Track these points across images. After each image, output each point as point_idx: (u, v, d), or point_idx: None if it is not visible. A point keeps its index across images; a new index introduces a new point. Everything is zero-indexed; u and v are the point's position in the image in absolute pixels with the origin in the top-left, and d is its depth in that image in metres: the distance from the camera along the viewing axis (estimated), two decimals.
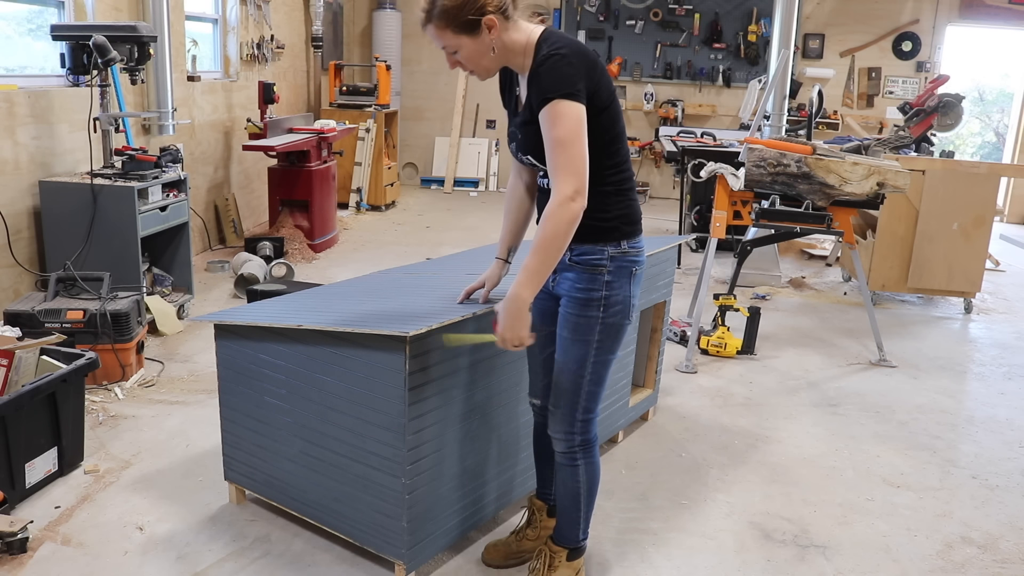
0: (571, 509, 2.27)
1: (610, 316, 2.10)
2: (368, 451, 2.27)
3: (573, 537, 2.31)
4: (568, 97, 1.90)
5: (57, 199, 4.05)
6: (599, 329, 2.10)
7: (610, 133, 2.04)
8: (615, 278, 2.10)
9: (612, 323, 2.11)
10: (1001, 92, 12.26)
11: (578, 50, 1.97)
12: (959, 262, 5.38)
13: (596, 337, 2.11)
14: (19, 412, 2.63)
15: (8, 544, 2.40)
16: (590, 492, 2.26)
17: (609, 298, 2.10)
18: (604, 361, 2.15)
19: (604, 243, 2.08)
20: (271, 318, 2.43)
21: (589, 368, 2.14)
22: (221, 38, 6.60)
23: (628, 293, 2.12)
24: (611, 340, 2.13)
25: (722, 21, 9.16)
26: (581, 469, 2.23)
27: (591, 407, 2.20)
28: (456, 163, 9.63)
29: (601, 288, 2.09)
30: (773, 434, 3.52)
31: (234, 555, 2.48)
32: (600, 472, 2.29)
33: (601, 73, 2.00)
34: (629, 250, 2.11)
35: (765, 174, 4.16)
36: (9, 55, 4.53)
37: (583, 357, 2.13)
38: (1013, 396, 4.11)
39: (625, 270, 2.11)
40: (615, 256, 2.09)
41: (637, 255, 2.13)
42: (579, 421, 2.19)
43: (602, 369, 2.16)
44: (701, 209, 6.65)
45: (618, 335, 2.14)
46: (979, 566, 2.63)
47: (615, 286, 2.10)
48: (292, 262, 5.68)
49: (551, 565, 2.31)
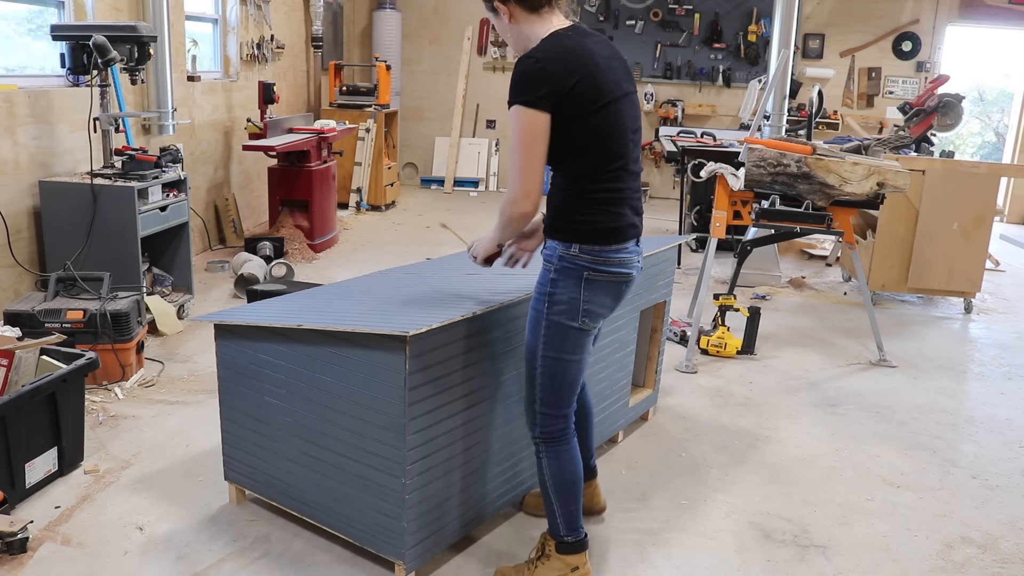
0: (546, 501, 2.33)
1: (554, 313, 2.15)
2: (368, 451, 2.27)
3: (555, 530, 2.34)
4: (526, 104, 1.98)
5: (57, 199, 4.05)
6: (544, 324, 2.17)
7: (587, 140, 2.06)
8: (560, 277, 2.13)
9: (556, 321, 2.15)
10: (1001, 92, 12.26)
11: (558, 57, 2.00)
12: (959, 262, 5.38)
13: (543, 331, 2.18)
14: (19, 412, 2.63)
15: (8, 544, 2.40)
16: (556, 488, 2.27)
17: (553, 295, 2.15)
18: (555, 359, 2.18)
19: (557, 241, 2.14)
20: (271, 318, 2.43)
21: (539, 361, 2.20)
22: (221, 38, 6.60)
23: (576, 295, 2.13)
24: (558, 339, 2.16)
25: (722, 21, 9.16)
26: (544, 463, 2.28)
27: (548, 402, 2.22)
28: (456, 163, 9.63)
29: (547, 284, 2.16)
30: (773, 434, 3.52)
31: (234, 555, 2.48)
32: (570, 473, 2.27)
33: (582, 82, 2.01)
34: (581, 254, 2.11)
35: (765, 174, 4.16)
36: (9, 55, 4.53)
37: (533, 348, 2.21)
38: (1013, 396, 4.11)
39: (573, 272, 2.12)
40: (563, 256, 2.13)
41: (592, 262, 2.11)
42: (538, 414, 2.25)
43: (554, 367, 2.18)
44: (701, 209, 6.65)
45: (566, 335, 2.15)
46: (979, 566, 2.63)
47: (560, 285, 2.14)
48: (292, 262, 5.68)
49: (544, 553, 2.36)
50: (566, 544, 2.33)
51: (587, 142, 2.06)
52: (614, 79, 2.09)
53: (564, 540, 2.33)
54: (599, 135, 2.07)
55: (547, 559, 2.34)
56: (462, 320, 2.23)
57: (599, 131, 2.06)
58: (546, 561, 2.34)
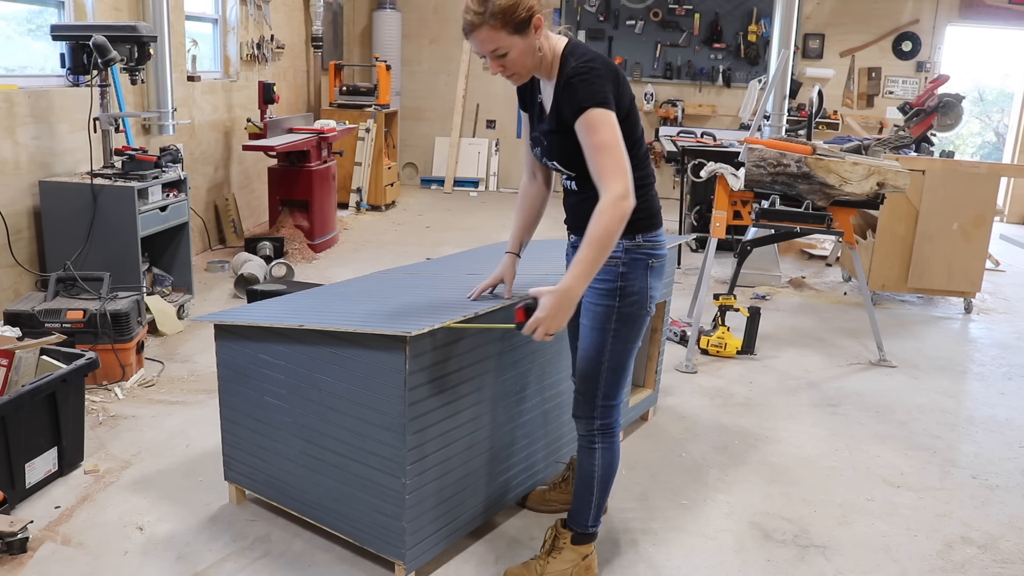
0: (584, 492, 2.35)
1: (626, 306, 2.21)
2: (368, 451, 2.27)
3: (582, 522, 2.36)
4: (602, 105, 2.03)
5: (57, 199, 4.05)
6: (615, 318, 2.22)
7: (631, 137, 2.16)
8: (629, 269, 2.20)
9: (628, 312, 2.22)
10: (1001, 92, 12.26)
11: (605, 63, 2.12)
12: (959, 262, 5.38)
13: (613, 325, 2.22)
14: (19, 412, 2.63)
15: (8, 544, 2.40)
16: (604, 479, 2.33)
17: (625, 288, 2.20)
18: (623, 349, 2.25)
19: (620, 237, 2.14)
20: (271, 318, 2.43)
21: (607, 355, 2.24)
22: (221, 38, 6.60)
23: (644, 284, 2.22)
24: (628, 329, 2.23)
25: (722, 21, 9.16)
26: (598, 453, 2.32)
27: (611, 393, 2.28)
28: (456, 163, 9.63)
29: (616, 279, 2.20)
30: (773, 434, 3.52)
31: (234, 555, 2.48)
32: (618, 462, 2.36)
33: (623, 83, 2.14)
34: (644, 243, 2.22)
35: (765, 174, 4.16)
36: (9, 55, 4.53)
37: (601, 344, 2.23)
38: (1013, 396, 4.11)
39: (640, 262, 2.21)
40: (629, 248, 2.20)
41: (653, 248, 2.23)
42: (600, 406, 2.29)
43: (621, 357, 2.26)
44: (701, 209, 6.65)
45: (635, 324, 2.24)
46: (979, 566, 2.63)
47: (630, 277, 2.20)
48: (292, 262, 5.68)
49: (555, 546, 2.38)
50: (586, 535, 2.37)
51: (635, 137, 2.18)
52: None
53: (587, 531, 2.37)
54: (638, 130, 2.20)
55: (559, 551, 2.37)
56: (462, 320, 2.23)
57: (637, 126, 2.20)
58: (558, 554, 2.37)
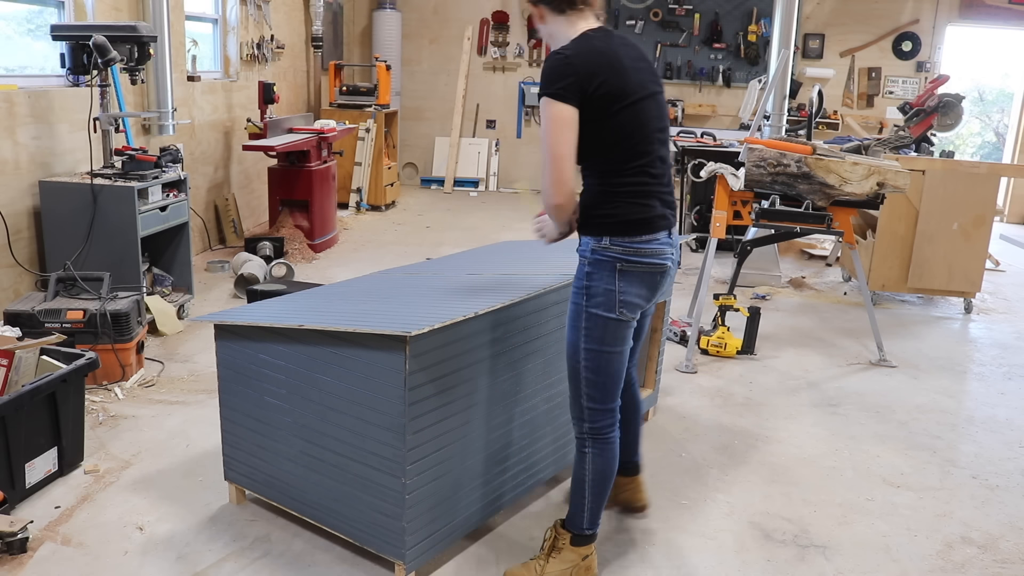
0: (577, 494, 2.35)
1: (592, 306, 2.21)
2: (368, 451, 2.27)
3: (578, 523, 2.36)
4: (552, 96, 2.08)
5: (57, 199, 4.04)
6: (584, 316, 2.23)
7: (616, 137, 2.15)
8: (594, 270, 2.21)
9: (595, 313, 2.21)
10: (1001, 92, 12.26)
11: (585, 56, 2.11)
12: (959, 262, 5.38)
13: (583, 324, 2.24)
14: (19, 412, 2.63)
15: (8, 544, 2.40)
16: (595, 483, 2.32)
17: (590, 288, 2.22)
18: (598, 352, 2.23)
19: (588, 235, 2.23)
20: (271, 318, 2.43)
21: (582, 355, 2.24)
22: (221, 38, 6.59)
23: (611, 286, 2.20)
24: (598, 331, 2.22)
25: (722, 21, 9.16)
26: (588, 457, 2.31)
27: (595, 396, 2.27)
28: (456, 163, 9.63)
29: (583, 278, 2.24)
30: (773, 434, 3.52)
31: (234, 555, 2.48)
32: (612, 468, 2.34)
33: (606, 83, 2.10)
34: (612, 246, 2.19)
35: (765, 174, 4.16)
36: (9, 55, 4.53)
37: (575, 342, 2.26)
38: (1013, 396, 4.11)
39: (606, 264, 2.20)
40: (596, 249, 2.21)
41: (624, 253, 2.20)
42: (585, 408, 2.29)
43: (598, 360, 2.24)
44: (701, 209, 6.65)
45: (605, 327, 2.22)
46: (979, 566, 2.63)
47: (595, 277, 2.21)
48: (292, 262, 5.68)
49: (554, 546, 2.38)
50: (584, 536, 2.37)
51: (612, 140, 2.16)
52: (639, 80, 2.18)
53: (583, 533, 2.36)
54: (624, 133, 2.16)
55: (559, 552, 2.37)
56: (462, 320, 2.23)
57: (624, 129, 2.16)
58: (558, 555, 2.37)
